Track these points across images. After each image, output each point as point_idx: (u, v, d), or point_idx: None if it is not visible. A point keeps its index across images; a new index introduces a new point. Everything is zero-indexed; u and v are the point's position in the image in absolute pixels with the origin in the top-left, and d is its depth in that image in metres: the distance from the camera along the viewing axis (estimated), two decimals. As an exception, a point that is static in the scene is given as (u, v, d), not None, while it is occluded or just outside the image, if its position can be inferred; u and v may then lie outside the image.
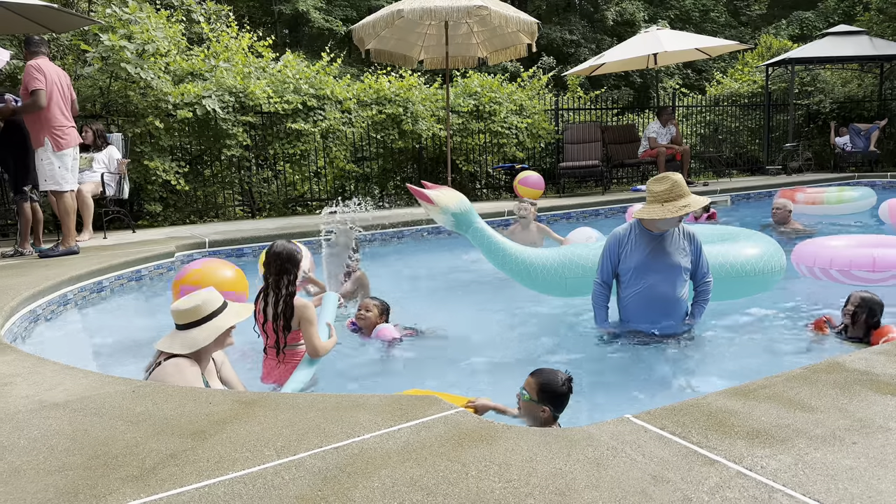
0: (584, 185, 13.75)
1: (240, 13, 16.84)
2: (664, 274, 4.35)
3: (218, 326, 3.11)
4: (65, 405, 2.57)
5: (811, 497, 1.70)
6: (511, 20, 9.06)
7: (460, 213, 4.94)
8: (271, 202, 10.97)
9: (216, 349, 3.20)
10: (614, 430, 2.15)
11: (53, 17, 7.73)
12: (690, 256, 4.42)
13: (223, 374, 3.34)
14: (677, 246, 4.38)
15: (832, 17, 27.41)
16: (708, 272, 4.52)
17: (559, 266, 5.13)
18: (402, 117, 11.36)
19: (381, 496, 1.78)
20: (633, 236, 4.45)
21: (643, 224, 4.41)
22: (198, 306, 3.11)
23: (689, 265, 4.41)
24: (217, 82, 9.94)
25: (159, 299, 6.09)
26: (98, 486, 1.91)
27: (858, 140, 14.62)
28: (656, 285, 4.37)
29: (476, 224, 5.05)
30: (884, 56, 14.67)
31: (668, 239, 4.38)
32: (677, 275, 4.36)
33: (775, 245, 5.44)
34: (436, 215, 4.99)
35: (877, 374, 2.54)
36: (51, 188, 6.67)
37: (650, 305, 4.42)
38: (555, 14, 27.93)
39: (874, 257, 5.33)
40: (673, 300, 4.38)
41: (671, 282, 4.35)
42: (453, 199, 4.93)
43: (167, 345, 3.08)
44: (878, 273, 5.30)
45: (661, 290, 4.37)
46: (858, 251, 5.52)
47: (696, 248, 4.46)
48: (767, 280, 5.23)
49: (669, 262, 4.35)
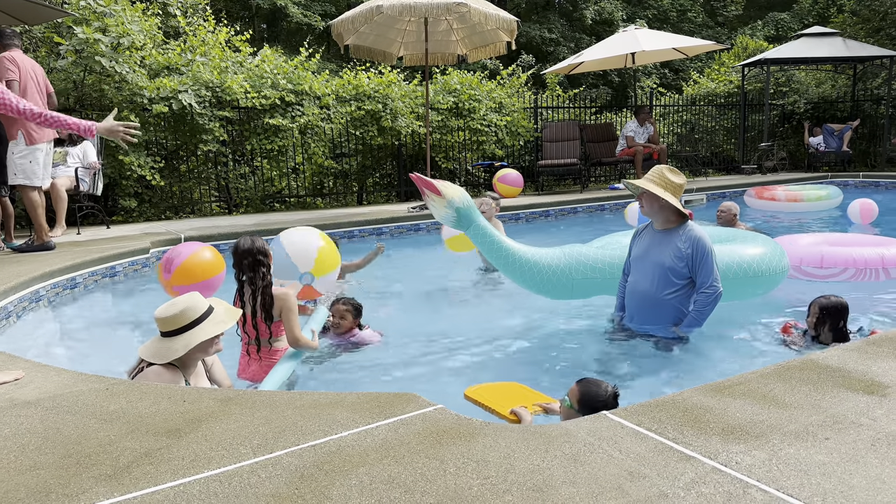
0: (562, 183, 13.82)
1: (217, 7, 16.65)
2: (646, 271, 4.34)
3: (194, 338, 2.96)
4: (37, 403, 2.53)
5: (785, 492, 1.72)
6: (491, 18, 9.06)
7: (464, 207, 4.69)
8: (248, 198, 10.88)
9: (202, 356, 3.06)
10: (591, 426, 2.16)
11: (26, 8, 7.58)
12: (686, 260, 4.23)
13: (213, 375, 3.28)
14: (672, 246, 4.26)
15: (807, 18, 27.82)
16: (710, 281, 4.21)
17: (566, 267, 4.85)
18: (381, 114, 11.32)
19: (359, 494, 1.77)
20: (644, 231, 4.53)
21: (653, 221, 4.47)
22: (176, 315, 2.97)
23: (681, 268, 4.24)
24: (193, 77, 9.83)
25: (134, 296, 6.02)
26: (70, 485, 1.88)
27: (832, 140, 14.85)
28: (639, 281, 4.40)
29: (478, 221, 4.80)
30: (857, 57, 14.92)
31: (666, 238, 4.32)
32: (660, 274, 4.28)
33: (778, 246, 5.44)
34: (439, 209, 4.71)
35: (849, 370, 2.58)
36: (20, 182, 6.51)
37: (631, 301, 4.49)
38: (534, 12, 28.01)
39: (822, 255, 5.66)
40: (652, 299, 4.33)
41: (651, 280, 4.31)
42: (458, 193, 4.69)
43: (147, 352, 2.98)
44: (825, 269, 5.62)
45: (642, 287, 4.37)
46: (809, 249, 5.81)
47: (697, 252, 4.21)
48: (772, 281, 5.19)
49: (655, 259, 4.31)
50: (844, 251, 5.71)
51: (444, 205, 4.64)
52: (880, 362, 2.65)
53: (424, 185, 4.60)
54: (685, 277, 4.27)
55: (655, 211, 4.34)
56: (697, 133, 16.19)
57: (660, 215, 4.35)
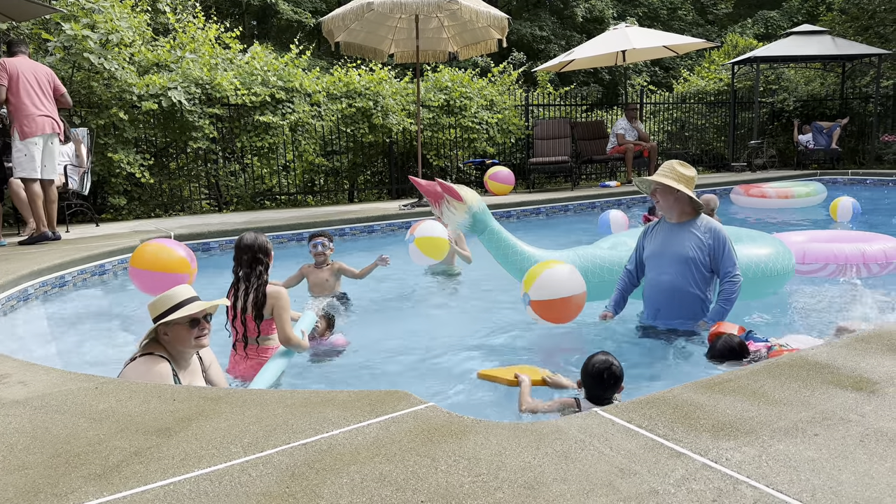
0: (553, 181, 13.84)
1: (207, 3, 16.57)
2: (668, 265, 4.34)
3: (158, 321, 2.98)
4: (25, 402, 2.51)
5: (774, 488, 1.73)
6: (482, 15, 9.06)
7: (480, 212, 4.61)
8: (238, 196, 10.83)
9: (182, 347, 3.03)
10: (582, 423, 2.16)
11: (13, 4, 7.53)
12: (707, 251, 4.28)
13: (210, 377, 3.26)
14: (692, 238, 4.30)
15: (796, 16, 27.98)
16: (733, 270, 4.26)
17: (581, 269, 4.72)
18: (372, 111, 11.29)
19: (350, 492, 1.77)
20: (658, 227, 4.53)
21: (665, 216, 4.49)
22: (156, 302, 3.01)
23: (704, 259, 4.28)
24: (183, 74, 9.77)
25: (123, 294, 5.99)
26: (59, 484, 1.87)
27: (821, 138, 14.94)
28: (661, 276, 4.38)
29: (493, 225, 4.71)
30: (845, 56, 15.01)
31: (685, 231, 4.35)
32: (684, 266, 4.29)
33: (785, 246, 5.45)
34: (458, 214, 4.59)
35: (838, 367, 2.59)
36: (18, 175, 6.88)
37: (656, 297, 4.46)
38: (525, 10, 28.02)
39: (804, 251, 5.76)
40: (679, 292, 4.33)
41: (676, 271, 4.31)
42: (476, 198, 4.60)
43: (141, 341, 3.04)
44: (806, 265, 5.70)
45: (666, 279, 4.36)
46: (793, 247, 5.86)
47: (718, 243, 4.28)
48: (780, 280, 5.21)
49: (677, 252, 4.31)
50: (826, 247, 5.80)
51: (465, 210, 4.55)
52: (869, 359, 2.66)
53: (447, 190, 4.52)
54: (707, 268, 4.32)
55: (671, 204, 4.37)
56: (688, 131, 16.25)
57: (675, 208, 4.38)
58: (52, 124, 6.91)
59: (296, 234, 8.29)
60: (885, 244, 5.77)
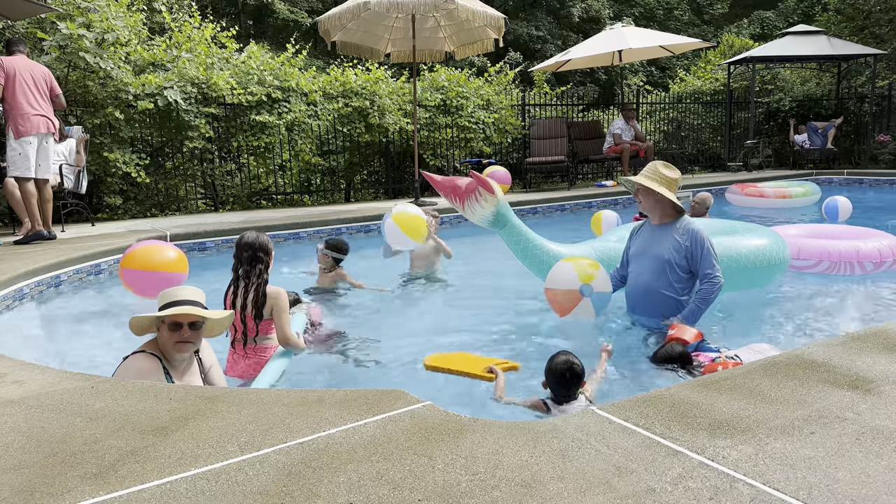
0: (550, 181, 13.84)
1: (203, 3, 16.55)
2: (647, 264, 4.41)
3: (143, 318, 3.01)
4: (21, 402, 2.50)
5: (771, 486, 1.74)
6: (478, 15, 9.06)
7: (504, 207, 4.58)
8: (235, 195, 10.81)
9: (164, 348, 2.99)
10: (579, 422, 2.16)
11: (8, 3, 7.50)
12: (684, 252, 4.30)
13: (210, 379, 3.25)
14: (671, 239, 4.34)
15: (792, 16, 28.05)
16: (713, 271, 4.23)
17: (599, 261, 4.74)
18: (368, 111, 11.28)
19: (347, 491, 1.76)
20: (643, 228, 4.60)
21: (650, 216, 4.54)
22: (161, 294, 3.06)
23: (680, 260, 4.30)
24: (179, 73, 9.75)
25: (118, 294, 5.97)
26: (55, 484, 1.86)
27: (816, 138, 14.97)
28: (640, 274, 4.47)
29: (513, 221, 4.68)
30: (841, 56, 15.05)
31: (666, 232, 4.39)
32: (660, 267, 4.34)
33: (780, 237, 5.47)
34: (485, 208, 4.51)
35: (834, 365, 2.60)
36: (13, 174, 6.86)
37: (633, 293, 4.57)
38: (521, 10, 28.04)
39: (799, 247, 5.81)
40: (653, 292, 4.38)
41: (652, 272, 4.37)
42: (501, 192, 4.57)
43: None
44: (801, 261, 5.76)
45: (643, 280, 4.44)
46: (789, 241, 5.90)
47: (695, 244, 4.28)
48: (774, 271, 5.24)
49: (655, 253, 4.38)
50: (821, 243, 5.83)
51: (494, 203, 4.52)
52: (864, 357, 2.67)
53: (482, 184, 4.46)
54: (685, 270, 4.34)
55: (652, 205, 4.42)
56: (684, 131, 16.27)
57: (657, 209, 4.42)
58: (47, 124, 6.92)
59: (292, 234, 8.28)
60: (880, 241, 5.78)
